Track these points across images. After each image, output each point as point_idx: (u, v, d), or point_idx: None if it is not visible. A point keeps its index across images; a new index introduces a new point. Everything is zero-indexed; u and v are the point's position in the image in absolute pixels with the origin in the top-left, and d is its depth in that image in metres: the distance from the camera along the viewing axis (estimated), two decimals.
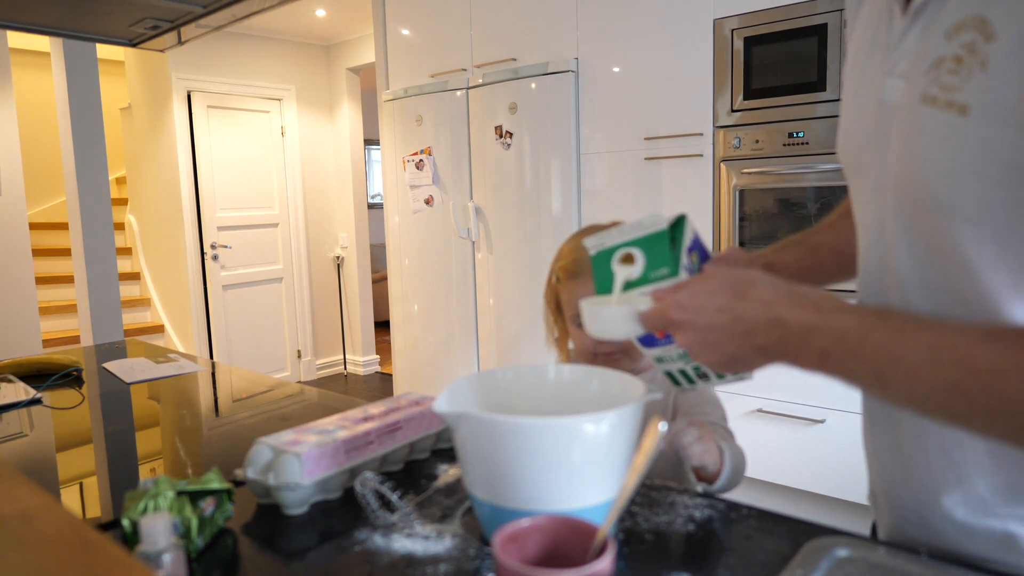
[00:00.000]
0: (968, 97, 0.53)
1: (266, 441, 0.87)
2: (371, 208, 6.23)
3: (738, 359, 0.63)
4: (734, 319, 0.61)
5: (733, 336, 0.61)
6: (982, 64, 0.52)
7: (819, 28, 2.35)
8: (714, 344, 0.63)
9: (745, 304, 0.61)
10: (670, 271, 0.69)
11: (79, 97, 3.24)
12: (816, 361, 0.58)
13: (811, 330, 0.58)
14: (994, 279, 0.56)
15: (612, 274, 0.72)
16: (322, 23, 4.71)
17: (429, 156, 3.48)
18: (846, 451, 2.40)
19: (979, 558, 0.65)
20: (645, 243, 0.71)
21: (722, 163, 2.62)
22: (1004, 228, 0.54)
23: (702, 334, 0.63)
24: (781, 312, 0.59)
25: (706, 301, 0.63)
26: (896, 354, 0.54)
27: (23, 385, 1.48)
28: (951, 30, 0.55)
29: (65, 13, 1.45)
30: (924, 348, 0.53)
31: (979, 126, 0.53)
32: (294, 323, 5.16)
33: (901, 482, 0.70)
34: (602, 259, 0.74)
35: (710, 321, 0.62)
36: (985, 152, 0.53)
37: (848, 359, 0.57)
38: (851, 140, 0.70)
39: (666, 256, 0.69)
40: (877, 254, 0.66)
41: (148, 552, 0.60)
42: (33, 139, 5.19)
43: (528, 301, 3.17)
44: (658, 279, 0.69)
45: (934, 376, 0.53)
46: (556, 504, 0.66)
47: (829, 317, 0.58)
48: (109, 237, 3.36)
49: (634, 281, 0.71)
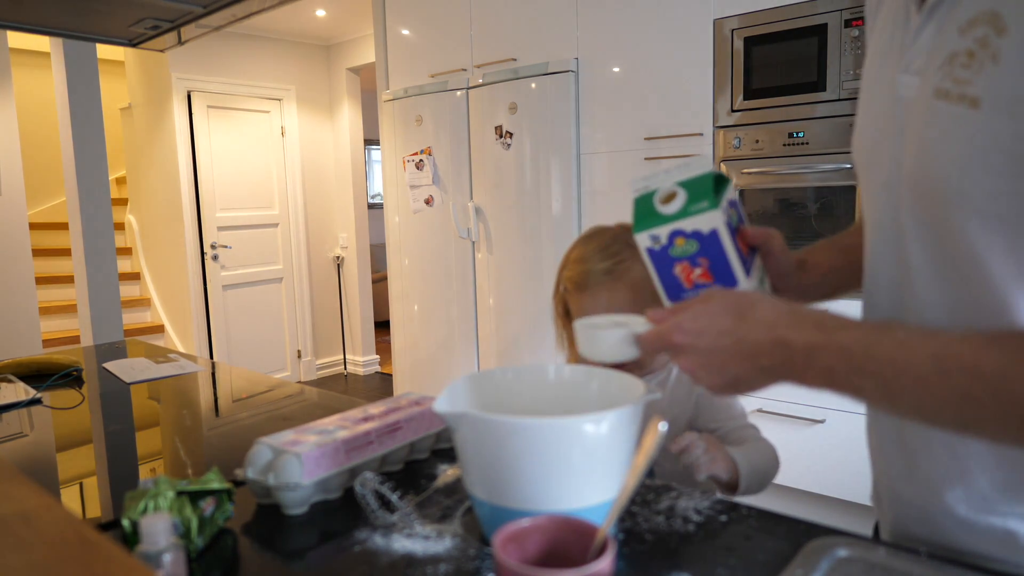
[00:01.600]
0: (979, 90, 0.54)
1: (266, 441, 0.87)
2: (371, 208, 6.23)
3: (741, 381, 0.63)
4: (737, 341, 0.61)
5: (736, 358, 0.61)
6: (993, 57, 0.53)
7: (819, 28, 2.35)
8: (717, 367, 0.62)
9: (747, 326, 0.61)
10: (710, 204, 0.69)
11: (79, 97, 3.23)
12: (823, 379, 0.58)
13: (815, 349, 0.58)
14: (1004, 271, 0.56)
15: (653, 212, 0.72)
16: (322, 23, 4.70)
17: (429, 156, 3.48)
18: (846, 451, 2.40)
19: (981, 555, 0.65)
20: (689, 184, 0.72)
21: (722, 163, 2.62)
22: (1013, 219, 0.55)
23: (704, 357, 0.62)
24: (784, 333, 0.59)
25: (707, 323, 0.62)
26: (902, 366, 0.55)
27: (23, 385, 1.48)
28: (965, 26, 0.56)
29: (65, 13, 1.45)
30: (930, 358, 0.54)
31: (989, 118, 0.53)
32: (294, 323, 5.16)
33: (904, 477, 0.70)
34: (645, 200, 0.75)
35: (712, 344, 0.62)
36: (995, 144, 0.53)
37: (854, 375, 0.57)
38: (865, 137, 0.71)
39: (708, 193, 0.70)
40: (889, 250, 0.67)
41: (148, 552, 0.60)
42: (33, 139, 5.19)
43: (528, 301, 3.17)
44: (697, 212, 0.69)
45: (942, 385, 0.53)
46: (556, 504, 0.66)
47: (832, 335, 0.58)
48: (109, 237, 3.36)
49: (675, 214, 0.71)
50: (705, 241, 0.70)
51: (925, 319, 0.64)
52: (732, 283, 0.71)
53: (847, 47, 2.29)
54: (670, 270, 0.73)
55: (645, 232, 0.73)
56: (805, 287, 0.82)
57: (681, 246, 0.71)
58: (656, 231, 0.72)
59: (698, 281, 0.72)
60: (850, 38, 2.29)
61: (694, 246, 0.71)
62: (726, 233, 0.70)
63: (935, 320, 0.63)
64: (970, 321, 0.60)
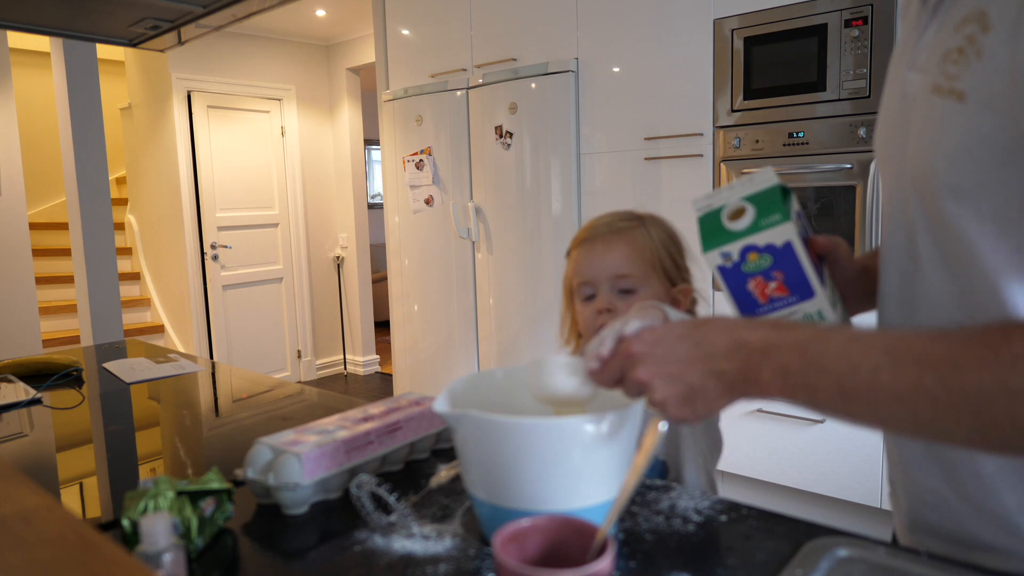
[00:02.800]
0: (966, 84, 0.56)
1: (266, 441, 0.87)
2: (371, 208, 6.23)
3: (696, 392, 0.61)
4: (694, 344, 0.62)
5: (693, 363, 0.61)
6: (978, 53, 0.55)
7: (819, 28, 2.35)
8: (674, 376, 0.61)
9: (704, 331, 0.62)
10: (782, 217, 0.68)
11: (79, 97, 3.23)
12: (779, 379, 0.58)
13: (771, 347, 0.59)
14: (995, 258, 0.58)
15: (722, 229, 0.71)
16: (322, 23, 4.70)
17: (429, 156, 3.48)
18: (846, 451, 2.40)
19: (994, 546, 0.65)
20: (756, 198, 0.71)
21: (722, 163, 2.62)
22: (1003, 208, 0.56)
23: (661, 365, 0.62)
24: (741, 333, 0.61)
25: (665, 333, 0.64)
26: (856, 359, 0.55)
27: (23, 385, 1.48)
28: (959, 23, 0.58)
29: (65, 13, 1.45)
30: (881, 351, 0.55)
31: (975, 112, 0.56)
32: (294, 323, 5.16)
33: (918, 465, 0.70)
34: (711, 217, 0.72)
35: (669, 350, 0.62)
36: (981, 137, 0.56)
37: (810, 372, 0.57)
38: (881, 133, 0.73)
39: (778, 205, 0.69)
40: (900, 242, 0.68)
41: (148, 552, 0.60)
42: (33, 139, 5.19)
43: (528, 301, 3.17)
44: (769, 225, 0.68)
45: (894, 378, 0.54)
46: (556, 504, 0.66)
47: (787, 333, 0.59)
48: (109, 237, 3.36)
49: (745, 230, 0.69)
50: (779, 254, 0.69)
51: (934, 310, 0.65)
52: (809, 294, 0.70)
53: (847, 47, 2.29)
54: (743, 286, 0.71)
55: (716, 250, 0.71)
56: (869, 292, 0.81)
57: (754, 261, 0.70)
58: (727, 248, 0.70)
59: (773, 295, 0.71)
60: (850, 38, 2.29)
61: (768, 260, 0.69)
62: (800, 244, 0.69)
63: (944, 310, 0.64)
64: (976, 312, 0.60)
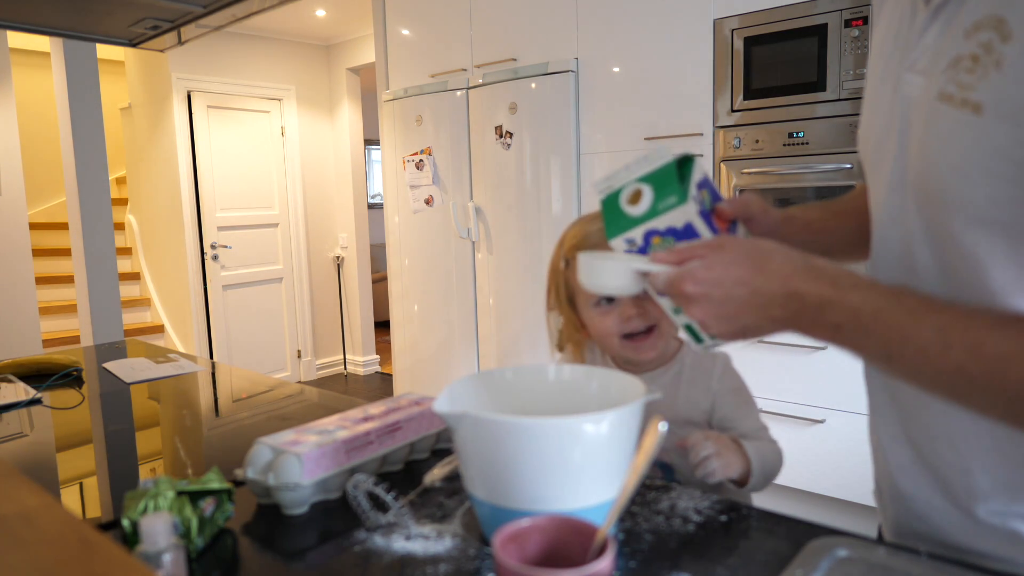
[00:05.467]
0: (982, 96, 0.54)
1: (266, 441, 0.87)
2: (371, 208, 6.23)
3: (749, 329, 0.64)
4: (752, 292, 0.62)
5: (749, 308, 0.62)
6: (997, 64, 0.53)
7: (819, 28, 2.35)
8: (729, 316, 0.63)
9: (763, 278, 0.62)
10: (678, 199, 0.68)
11: (79, 97, 3.23)
12: (829, 334, 0.60)
13: (826, 304, 0.59)
14: (1003, 277, 0.57)
15: (622, 214, 0.71)
16: (322, 23, 4.70)
17: (429, 156, 3.48)
18: (846, 451, 2.40)
19: (981, 553, 0.65)
20: (652, 178, 0.70)
21: (722, 163, 2.62)
22: (1014, 226, 0.55)
23: (717, 307, 0.63)
24: (798, 285, 0.60)
25: (722, 273, 0.63)
26: (907, 334, 0.56)
27: (23, 385, 1.48)
28: (970, 29, 0.56)
29: (65, 13, 1.45)
30: (934, 330, 0.55)
31: (992, 125, 0.53)
32: (294, 323, 5.16)
33: (906, 472, 0.70)
34: (611, 201, 0.72)
35: (726, 294, 0.62)
36: (997, 150, 0.53)
37: (860, 335, 0.58)
38: (870, 134, 0.71)
39: (674, 186, 0.68)
40: (894, 251, 0.67)
41: (148, 552, 0.60)
42: (33, 139, 5.18)
43: (528, 301, 3.17)
44: (667, 209, 0.68)
45: (942, 358, 0.54)
46: (556, 504, 0.66)
47: (845, 293, 0.59)
48: (109, 237, 3.36)
49: (644, 215, 0.70)
50: (681, 235, 0.69)
51: None
52: None
53: (847, 47, 2.29)
54: None
55: (619, 237, 0.71)
56: (793, 243, 0.81)
57: (658, 244, 0.70)
58: (630, 234, 0.71)
59: None
60: (850, 38, 2.29)
61: (671, 242, 0.70)
62: (701, 223, 0.69)
63: None
64: None
